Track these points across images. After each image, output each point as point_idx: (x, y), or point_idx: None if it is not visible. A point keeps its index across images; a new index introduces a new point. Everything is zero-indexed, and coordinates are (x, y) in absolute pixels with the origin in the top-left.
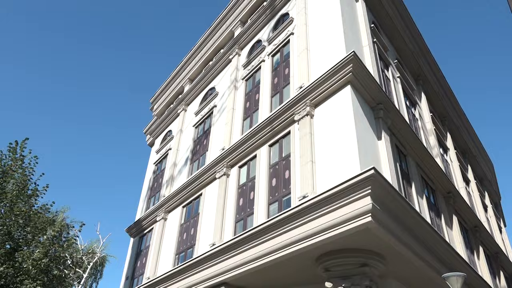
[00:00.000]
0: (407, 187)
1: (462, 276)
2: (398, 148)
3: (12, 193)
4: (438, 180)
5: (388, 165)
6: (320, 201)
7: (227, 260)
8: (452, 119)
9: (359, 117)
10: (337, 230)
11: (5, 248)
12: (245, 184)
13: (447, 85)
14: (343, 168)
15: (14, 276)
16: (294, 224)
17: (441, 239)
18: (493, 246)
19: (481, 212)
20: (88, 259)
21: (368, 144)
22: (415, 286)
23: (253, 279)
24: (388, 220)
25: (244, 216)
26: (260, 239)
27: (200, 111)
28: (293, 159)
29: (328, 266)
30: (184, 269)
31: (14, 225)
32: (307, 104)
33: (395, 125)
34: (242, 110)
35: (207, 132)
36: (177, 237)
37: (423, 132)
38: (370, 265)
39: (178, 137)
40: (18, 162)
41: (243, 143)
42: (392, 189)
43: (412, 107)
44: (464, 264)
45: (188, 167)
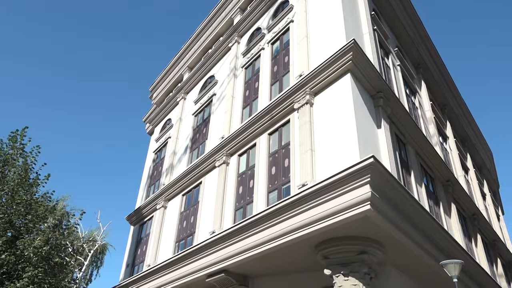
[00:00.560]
0: (406, 176)
1: (459, 263)
2: (397, 136)
3: (14, 182)
4: (437, 169)
5: (387, 153)
6: (320, 189)
7: (227, 248)
8: (452, 107)
9: (359, 106)
10: (336, 218)
11: (7, 236)
12: (245, 172)
13: (447, 74)
14: (343, 156)
15: (16, 263)
16: (293, 212)
17: (440, 227)
18: (491, 233)
19: (480, 200)
20: (89, 247)
21: (367, 133)
22: (413, 273)
23: (252, 266)
24: (387, 208)
25: (243, 204)
26: (260, 227)
27: (200, 100)
28: (292, 148)
29: (327, 253)
30: (184, 256)
31: (15, 214)
32: (306, 93)
33: (394, 113)
34: (242, 98)
35: (207, 121)
36: (177, 225)
37: (422, 120)
38: (368, 252)
39: (177, 125)
40: (18, 151)
41: (243, 132)
42: (391, 177)
43: (412, 96)
44: (462, 252)
45: (188, 156)
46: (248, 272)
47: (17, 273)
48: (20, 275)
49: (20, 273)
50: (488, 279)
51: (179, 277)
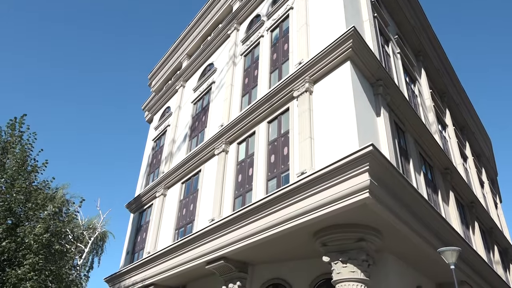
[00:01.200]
0: (405, 164)
1: (457, 250)
2: (396, 124)
3: (12, 169)
4: (436, 157)
5: (386, 141)
6: (318, 178)
7: (226, 235)
8: (452, 95)
9: (358, 94)
10: (335, 206)
11: (7, 224)
12: (244, 160)
13: (447, 61)
14: (342, 144)
15: (17, 250)
16: (292, 200)
17: (438, 215)
18: (488, 221)
19: (478, 188)
20: (89, 234)
21: (367, 121)
22: (411, 260)
23: (252, 254)
24: (386, 196)
25: (243, 192)
26: (259, 215)
27: (199, 87)
28: (291, 136)
29: (325, 241)
30: (183, 243)
31: (15, 201)
32: (306, 80)
33: (394, 101)
34: (241, 86)
35: (206, 109)
36: (177, 212)
37: (422, 108)
38: (367, 240)
39: (176, 113)
40: (17, 138)
41: (242, 120)
42: (390, 165)
43: (412, 84)
44: (459, 239)
45: (187, 144)
46: (247, 259)
47: (18, 260)
48: (21, 262)
49: (21, 260)
50: (485, 266)
51: (179, 264)
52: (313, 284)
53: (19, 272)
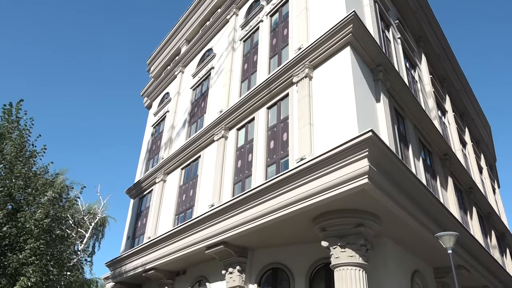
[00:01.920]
0: (404, 149)
1: (454, 235)
2: (396, 110)
3: (11, 155)
4: (435, 143)
5: (386, 127)
6: (318, 163)
7: (226, 221)
8: (452, 81)
9: (358, 79)
10: (334, 192)
11: (7, 209)
12: (243, 146)
13: (448, 47)
14: (341, 130)
15: (17, 235)
16: (291, 185)
17: (436, 200)
18: (486, 206)
19: (476, 173)
20: (90, 220)
21: (366, 107)
22: (409, 245)
23: (251, 239)
24: (385, 182)
25: (242, 178)
26: (258, 200)
27: (198, 73)
28: (291, 122)
29: (324, 226)
30: (183, 229)
31: (15, 187)
32: (306, 66)
33: (394, 87)
34: (240, 71)
35: (205, 94)
36: (177, 198)
37: (422, 94)
38: (365, 225)
39: (175, 99)
40: (14, 124)
41: (241, 106)
42: (389, 151)
43: (412, 69)
44: (457, 224)
45: (186, 130)
46: (247, 244)
47: (19, 245)
48: (22, 247)
49: (22, 245)
50: (482, 251)
51: (179, 249)
52: (312, 268)
53: (21, 256)
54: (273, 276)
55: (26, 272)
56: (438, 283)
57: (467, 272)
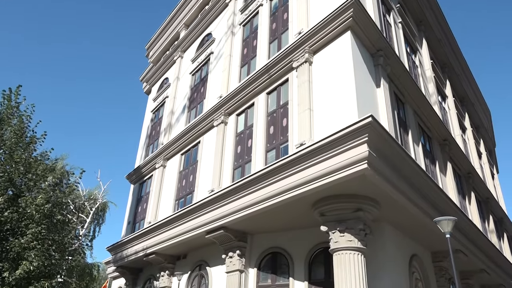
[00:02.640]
0: (403, 135)
1: (452, 220)
2: (396, 95)
3: (11, 141)
4: (435, 128)
5: (386, 112)
6: (317, 149)
7: (225, 206)
8: (453, 66)
9: (359, 64)
10: (334, 177)
11: (8, 194)
12: (243, 132)
13: (449, 31)
14: (341, 115)
15: (19, 220)
16: (291, 171)
17: (435, 185)
18: (485, 192)
19: (475, 159)
20: (90, 205)
21: (366, 92)
22: (407, 230)
23: (251, 223)
24: (384, 167)
25: (242, 163)
26: (258, 186)
27: (197, 58)
28: (291, 107)
29: (323, 211)
30: (184, 214)
31: (15, 172)
32: (305, 51)
33: (394, 72)
34: (240, 56)
35: (204, 80)
36: (177, 183)
37: (422, 79)
38: (364, 210)
39: (175, 84)
40: (13, 109)
41: (241, 91)
42: (389, 136)
43: (413, 54)
44: (455, 209)
45: (186, 115)
46: (247, 229)
47: (21, 230)
48: (24, 231)
49: (24, 230)
50: (480, 235)
51: (179, 234)
52: (311, 253)
53: (22, 241)
54: (273, 260)
55: (28, 257)
56: (436, 267)
57: (465, 256)
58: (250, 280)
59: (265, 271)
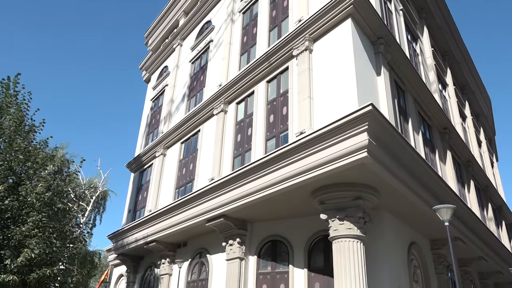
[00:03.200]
0: (403, 123)
1: (451, 208)
2: (396, 83)
3: (10, 129)
4: (435, 116)
5: (386, 101)
6: (317, 137)
7: (225, 194)
8: (454, 54)
9: (359, 52)
10: (334, 165)
11: (8, 183)
12: (243, 120)
13: (451, 19)
14: (341, 104)
15: (20, 208)
16: (291, 159)
17: (434, 174)
18: (484, 180)
19: (475, 147)
20: (91, 193)
21: (367, 80)
22: (407, 217)
23: (251, 212)
24: (384, 156)
25: (242, 152)
26: (258, 174)
27: (196, 46)
28: (291, 95)
29: (323, 199)
30: (184, 202)
31: (15, 160)
32: (306, 39)
33: (395, 60)
34: (239, 44)
35: (204, 68)
36: (177, 172)
37: (423, 67)
38: (364, 198)
39: (174, 73)
40: (12, 98)
41: (241, 79)
42: (389, 125)
43: (414, 42)
44: (454, 197)
45: (186, 104)
46: (247, 217)
47: (22, 218)
48: (25, 219)
49: (25, 218)
50: (478, 223)
51: (179, 222)
52: (311, 240)
53: (23, 229)
54: (273, 248)
55: (29, 244)
56: (434, 255)
57: (463, 244)
58: (250, 267)
59: (265, 258)
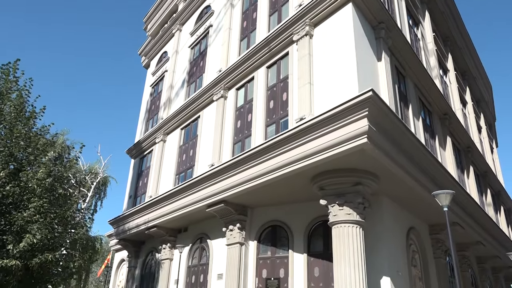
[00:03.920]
0: (404, 109)
1: (450, 193)
2: (397, 69)
3: (11, 115)
4: (436, 102)
5: (386, 86)
6: (317, 123)
7: (225, 180)
8: (455, 39)
9: (360, 37)
10: (333, 151)
11: (9, 169)
12: (243, 106)
13: (453, 4)
14: (341, 89)
15: (21, 194)
16: (291, 145)
17: (434, 159)
18: (483, 165)
19: (475, 133)
20: (91, 179)
21: (367, 65)
22: (406, 203)
23: (251, 197)
24: (384, 142)
25: (242, 138)
26: (258, 160)
27: (196, 31)
28: (291, 81)
29: (323, 185)
30: (184, 188)
31: (16, 147)
32: (306, 24)
33: (396, 45)
34: (239, 29)
35: (204, 53)
36: (177, 158)
37: (424, 52)
38: (363, 183)
39: (173, 58)
40: (12, 84)
41: (241, 65)
42: (389, 111)
43: (415, 27)
44: (454, 183)
45: (185, 89)
46: (247, 203)
47: (23, 203)
48: (26, 205)
49: (26, 204)
50: (477, 208)
51: (180, 207)
52: (310, 226)
53: (25, 214)
54: (273, 233)
55: (31, 230)
56: (433, 239)
57: (462, 229)
58: (250, 252)
59: (265, 243)
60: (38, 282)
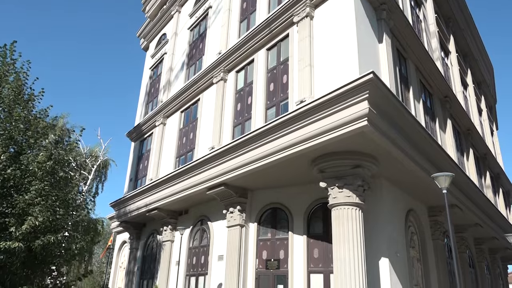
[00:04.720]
0: (404, 91)
1: (450, 176)
2: (398, 51)
3: (9, 98)
4: (437, 84)
5: (387, 68)
6: (318, 106)
7: (226, 163)
8: (457, 21)
9: (361, 19)
10: (334, 134)
11: (9, 152)
12: (243, 89)
13: None
14: (342, 72)
15: (22, 177)
16: (291, 128)
17: (434, 142)
18: (483, 148)
19: (476, 115)
20: (92, 162)
21: (368, 47)
22: (405, 185)
23: (251, 180)
24: (384, 124)
25: (242, 121)
26: (258, 143)
27: (195, 13)
28: (291, 63)
29: (323, 167)
30: (185, 171)
31: (15, 130)
32: (307, 5)
33: (397, 26)
34: (239, 11)
35: (203, 35)
36: (177, 141)
37: (425, 34)
38: (363, 166)
39: (173, 40)
40: (9, 66)
41: (240, 47)
42: (389, 93)
43: (417, 8)
44: (453, 165)
45: (185, 72)
46: (247, 185)
47: (24, 186)
48: (28, 188)
49: (27, 187)
50: (476, 191)
51: (180, 190)
52: (310, 208)
53: (27, 197)
54: (273, 215)
55: (33, 212)
56: (432, 221)
57: (460, 210)
58: (250, 234)
59: (265, 225)
60: (41, 264)
